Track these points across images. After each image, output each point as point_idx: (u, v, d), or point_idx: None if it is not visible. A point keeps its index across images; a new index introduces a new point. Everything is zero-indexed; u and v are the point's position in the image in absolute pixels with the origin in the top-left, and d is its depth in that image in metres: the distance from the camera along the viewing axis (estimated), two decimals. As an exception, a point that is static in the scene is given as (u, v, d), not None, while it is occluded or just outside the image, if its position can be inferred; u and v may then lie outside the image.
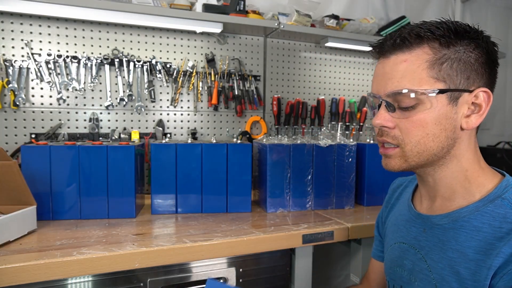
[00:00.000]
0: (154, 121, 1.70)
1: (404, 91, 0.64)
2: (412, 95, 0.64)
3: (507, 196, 0.64)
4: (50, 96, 1.53)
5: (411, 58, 0.64)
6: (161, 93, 1.71)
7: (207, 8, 1.55)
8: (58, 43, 1.53)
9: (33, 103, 1.51)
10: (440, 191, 0.72)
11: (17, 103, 1.47)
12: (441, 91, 0.63)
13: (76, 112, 1.58)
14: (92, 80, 1.57)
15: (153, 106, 1.69)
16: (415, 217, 0.77)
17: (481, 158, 0.71)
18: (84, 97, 1.58)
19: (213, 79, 1.76)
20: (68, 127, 1.57)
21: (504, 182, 0.67)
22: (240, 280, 1.14)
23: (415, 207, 0.79)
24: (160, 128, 1.69)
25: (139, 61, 1.62)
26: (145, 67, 1.64)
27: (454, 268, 0.64)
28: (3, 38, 1.46)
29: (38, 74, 1.50)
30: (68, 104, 1.56)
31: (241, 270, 1.14)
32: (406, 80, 0.64)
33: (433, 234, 0.71)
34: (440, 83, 0.64)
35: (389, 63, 0.67)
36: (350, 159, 1.46)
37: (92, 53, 1.58)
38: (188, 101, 1.75)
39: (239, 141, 1.42)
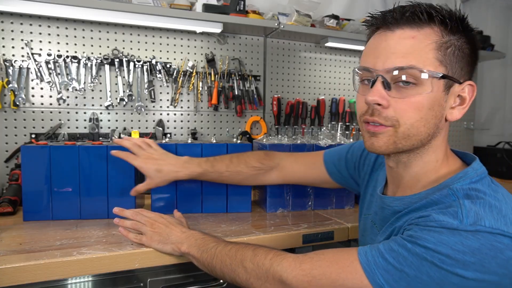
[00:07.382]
0: (154, 121, 1.70)
1: (410, 67, 0.60)
2: (417, 73, 0.60)
3: (455, 187, 0.61)
4: (50, 96, 1.53)
5: (420, 36, 0.61)
6: (161, 93, 1.71)
7: (207, 8, 1.55)
8: (58, 43, 1.53)
9: (33, 103, 1.51)
10: (404, 178, 0.71)
11: (17, 103, 1.47)
12: (444, 76, 0.61)
13: (76, 112, 1.58)
14: (92, 80, 1.57)
15: (153, 106, 1.69)
16: (378, 196, 0.80)
17: (448, 146, 0.71)
18: (84, 97, 1.58)
19: (213, 79, 1.76)
20: (68, 127, 1.57)
21: (460, 173, 0.64)
22: (240, 280, 1.13)
23: (384, 189, 0.81)
24: (160, 128, 1.69)
25: (139, 61, 1.62)
26: (145, 67, 1.64)
27: None
28: (3, 38, 1.46)
29: (38, 74, 1.50)
30: (68, 104, 1.56)
31: (241, 270, 1.14)
32: (412, 56, 0.60)
33: (383, 215, 0.74)
34: (443, 67, 0.62)
35: (394, 37, 0.62)
36: (350, 159, 1.46)
37: (92, 53, 1.58)
38: (188, 101, 1.75)
39: (239, 141, 1.41)
